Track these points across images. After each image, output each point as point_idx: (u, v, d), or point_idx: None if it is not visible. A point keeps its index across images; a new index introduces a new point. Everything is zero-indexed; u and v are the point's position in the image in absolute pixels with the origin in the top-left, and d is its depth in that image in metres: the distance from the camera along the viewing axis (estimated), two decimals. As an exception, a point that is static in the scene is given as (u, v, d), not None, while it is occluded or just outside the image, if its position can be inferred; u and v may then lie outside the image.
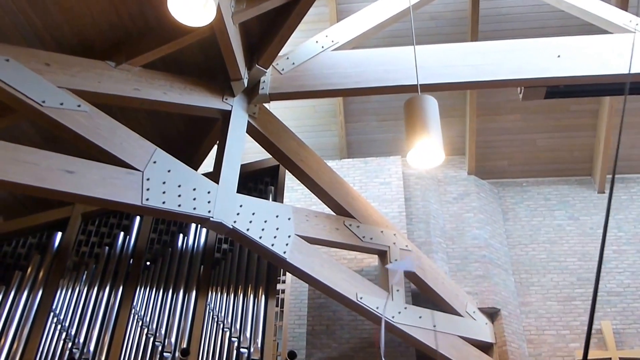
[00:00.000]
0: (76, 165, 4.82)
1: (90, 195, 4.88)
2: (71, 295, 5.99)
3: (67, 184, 4.78)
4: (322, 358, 6.49)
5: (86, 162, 4.88)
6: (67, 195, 4.83)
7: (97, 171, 4.96)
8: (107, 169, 5.01)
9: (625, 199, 8.75)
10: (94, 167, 4.93)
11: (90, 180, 4.88)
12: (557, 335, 7.45)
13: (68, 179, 4.78)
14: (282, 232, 5.73)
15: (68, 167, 4.80)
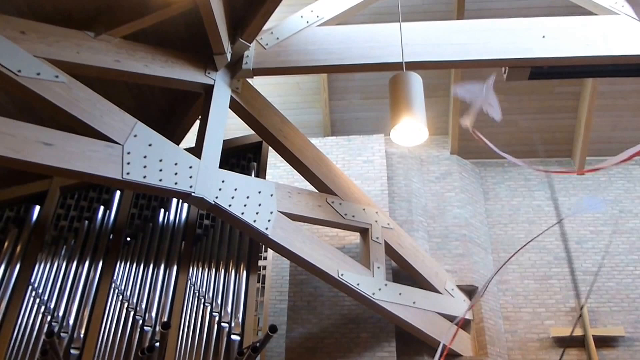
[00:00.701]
0: (54, 138, 4.72)
1: (69, 168, 4.80)
2: (50, 269, 5.93)
3: (45, 157, 4.68)
4: (302, 333, 6.55)
5: (64, 134, 4.78)
6: (45, 167, 4.75)
7: (75, 144, 4.87)
8: (86, 142, 4.92)
9: (603, 180, 8.88)
10: (72, 140, 4.83)
11: (69, 152, 4.80)
12: (533, 312, 7.60)
13: (46, 151, 4.69)
14: (264, 209, 5.72)
15: (46, 139, 4.71)
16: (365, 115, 9.28)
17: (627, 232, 8.30)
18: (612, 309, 7.60)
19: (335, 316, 6.67)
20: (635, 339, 7.32)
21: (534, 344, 7.35)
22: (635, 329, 7.41)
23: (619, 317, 7.52)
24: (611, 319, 7.52)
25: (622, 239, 8.23)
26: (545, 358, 7.23)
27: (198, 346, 5.58)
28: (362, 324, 6.59)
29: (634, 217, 8.47)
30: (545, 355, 7.25)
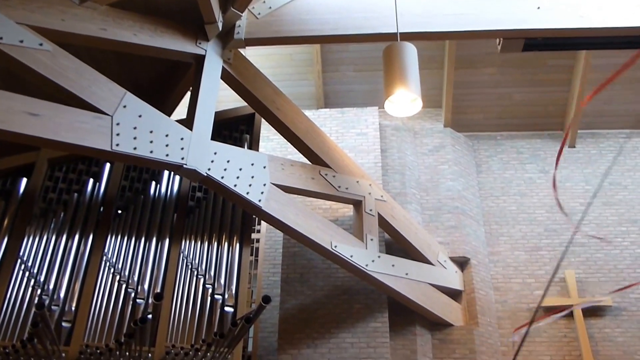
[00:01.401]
0: (40, 108, 4.60)
1: (56, 139, 4.69)
2: (39, 243, 5.87)
3: (31, 127, 4.57)
4: (296, 305, 6.58)
5: (51, 104, 4.66)
6: (31, 138, 4.63)
7: (63, 114, 4.75)
8: (74, 113, 4.80)
9: (594, 153, 8.92)
10: (59, 110, 4.71)
11: (56, 123, 4.69)
12: (523, 283, 7.70)
13: (32, 122, 4.58)
14: (257, 181, 5.67)
15: (31, 110, 4.59)
16: (359, 87, 9.19)
17: (616, 204, 8.38)
18: (600, 280, 7.72)
19: (329, 288, 6.70)
20: (622, 309, 7.46)
21: (524, 314, 7.47)
22: (623, 299, 7.54)
23: (607, 287, 7.64)
24: (599, 289, 7.64)
25: (612, 211, 8.32)
26: (534, 327, 7.35)
27: (191, 318, 5.59)
28: (355, 296, 6.63)
29: (623, 189, 8.54)
30: (534, 324, 7.37)
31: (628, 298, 7.55)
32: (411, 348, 6.62)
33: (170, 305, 5.61)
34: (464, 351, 6.72)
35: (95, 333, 5.39)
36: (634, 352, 7.16)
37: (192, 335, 5.49)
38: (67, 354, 5.26)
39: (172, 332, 5.49)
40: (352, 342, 6.33)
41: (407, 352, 6.59)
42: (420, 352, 6.62)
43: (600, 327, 7.34)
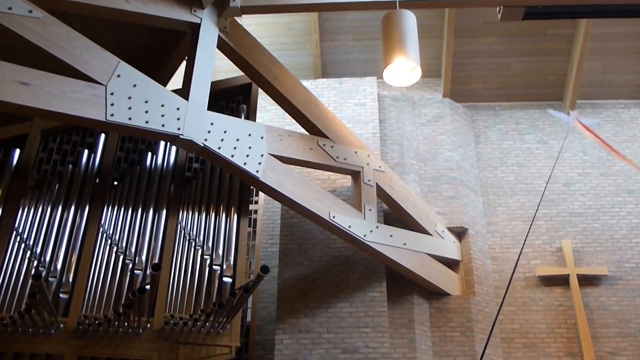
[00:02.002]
0: (31, 77, 4.50)
1: (48, 109, 4.60)
2: (34, 214, 5.83)
3: (22, 97, 4.47)
4: (294, 275, 6.60)
5: (43, 73, 4.56)
6: (23, 108, 4.54)
7: (55, 84, 4.65)
8: (66, 82, 4.70)
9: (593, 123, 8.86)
10: (51, 79, 4.61)
11: (48, 93, 4.59)
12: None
13: (23, 91, 4.48)
14: (254, 151, 5.61)
15: (22, 79, 4.48)
16: (358, 57, 9.05)
17: (614, 175, 8.37)
18: (597, 249, 7.75)
19: (327, 258, 6.72)
20: (617, 278, 7.52)
21: (520, 283, 7.53)
22: (618, 268, 7.60)
23: (603, 257, 7.69)
24: (595, 258, 7.68)
25: (609, 181, 8.31)
26: (531, 296, 7.43)
27: (190, 289, 5.60)
28: (353, 266, 6.65)
29: (621, 159, 8.51)
30: (531, 294, 7.44)
31: (624, 267, 7.61)
32: (409, 317, 6.67)
33: (168, 276, 5.62)
34: (461, 320, 6.78)
35: (93, 304, 5.40)
36: (629, 321, 7.25)
37: (190, 305, 5.51)
38: (66, 325, 5.29)
39: (170, 302, 5.51)
40: (350, 311, 6.37)
41: (405, 321, 6.64)
42: (418, 321, 6.68)
43: (596, 296, 7.41)
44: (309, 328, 6.28)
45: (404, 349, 6.49)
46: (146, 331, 5.38)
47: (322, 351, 6.16)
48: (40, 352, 5.17)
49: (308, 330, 6.26)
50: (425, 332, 6.70)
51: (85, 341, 5.26)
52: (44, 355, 5.17)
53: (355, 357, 6.12)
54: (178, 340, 5.40)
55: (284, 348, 6.19)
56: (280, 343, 6.21)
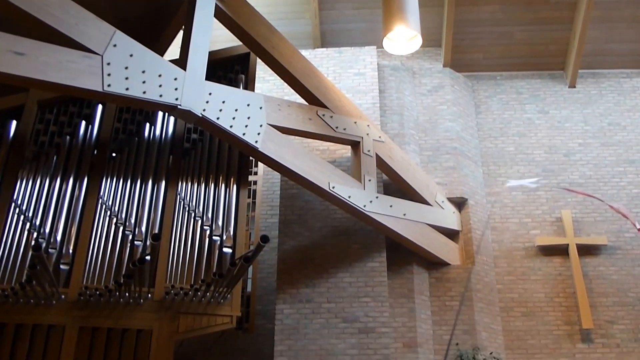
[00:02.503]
0: (26, 47, 4.43)
1: (44, 79, 4.55)
2: (32, 186, 5.81)
3: (17, 67, 4.41)
4: (294, 246, 6.61)
5: (37, 43, 4.48)
6: (18, 79, 4.49)
7: (50, 54, 4.59)
8: (62, 52, 4.63)
9: (594, 93, 8.78)
10: (46, 49, 4.55)
11: (44, 63, 4.53)
12: (519, 223, 7.75)
13: (17, 61, 4.42)
14: (253, 122, 5.56)
15: (17, 48, 4.42)
16: (357, 26, 8.90)
17: (615, 145, 8.33)
18: (597, 219, 7.76)
19: (327, 229, 6.72)
20: (617, 247, 7.55)
21: (520, 253, 7.56)
22: (618, 238, 7.62)
23: (603, 226, 7.71)
24: (595, 228, 7.70)
25: (610, 152, 8.28)
26: (530, 265, 7.46)
27: (190, 259, 5.62)
28: (352, 236, 6.66)
29: (621, 129, 8.47)
30: (530, 263, 7.48)
31: (623, 237, 7.63)
32: (408, 287, 6.71)
33: (168, 246, 5.63)
34: (460, 289, 6.82)
35: (94, 275, 5.43)
36: (628, 290, 7.30)
37: (191, 275, 5.54)
38: (67, 295, 5.32)
39: (171, 273, 5.54)
40: (350, 281, 6.41)
41: (405, 291, 6.69)
42: (418, 290, 6.72)
43: (595, 266, 7.45)
44: (309, 298, 6.32)
45: (404, 318, 6.55)
46: (147, 301, 5.41)
47: (322, 320, 6.21)
48: (42, 323, 5.21)
49: (308, 300, 6.31)
50: (424, 301, 6.75)
51: (86, 312, 5.29)
52: (46, 325, 5.21)
53: (356, 326, 6.18)
54: (179, 310, 5.45)
55: (284, 318, 6.24)
56: (281, 313, 6.26)
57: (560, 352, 6.97)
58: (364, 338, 6.11)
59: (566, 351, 6.97)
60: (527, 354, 6.95)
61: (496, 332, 6.89)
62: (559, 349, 6.98)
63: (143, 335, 5.32)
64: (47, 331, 5.20)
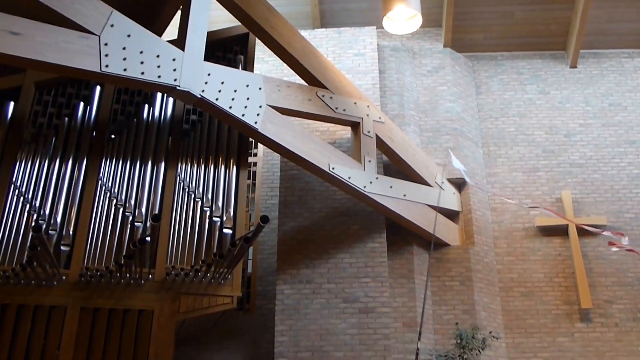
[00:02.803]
0: (22, 26, 4.38)
1: (41, 60, 4.52)
2: (31, 168, 5.79)
3: (13, 47, 4.37)
4: (294, 227, 6.62)
5: (33, 22, 4.43)
6: (14, 59, 4.45)
7: (46, 34, 4.54)
8: (59, 32, 4.59)
9: (595, 73, 8.72)
10: (42, 29, 4.50)
11: (40, 43, 4.49)
12: (519, 204, 7.75)
13: (13, 41, 4.38)
14: (252, 102, 5.52)
15: (12, 28, 4.38)
16: (357, 6, 8.78)
17: (616, 125, 8.29)
18: (596, 200, 7.76)
19: (327, 210, 6.72)
20: (616, 228, 7.54)
21: (519, 233, 7.57)
22: (618, 218, 7.62)
23: (602, 207, 7.71)
24: (594, 209, 7.70)
25: (610, 132, 8.24)
26: (530, 246, 7.48)
27: (190, 240, 5.63)
28: (353, 217, 6.67)
29: (622, 110, 8.42)
30: (530, 244, 7.49)
31: (623, 217, 7.63)
32: (408, 267, 6.74)
33: (168, 228, 5.64)
34: (460, 270, 6.85)
35: (94, 256, 5.44)
36: (627, 270, 7.32)
37: (191, 256, 5.56)
38: (68, 276, 5.34)
39: (171, 254, 5.55)
40: (351, 262, 6.43)
41: (405, 271, 6.72)
42: (417, 271, 6.75)
43: (594, 246, 7.46)
44: (309, 279, 6.35)
45: (404, 298, 6.59)
46: (148, 282, 5.44)
47: (322, 301, 6.25)
48: (44, 304, 5.23)
49: (309, 281, 6.34)
50: (424, 281, 6.78)
51: (87, 292, 5.32)
52: (48, 306, 5.24)
53: (356, 306, 6.21)
54: (180, 290, 5.47)
55: (285, 298, 6.28)
56: (282, 293, 6.30)
57: (559, 331, 7.01)
58: (364, 318, 6.15)
59: (565, 330, 7.02)
60: (526, 333, 7.00)
61: (495, 312, 6.94)
62: (557, 328, 7.03)
63: (144, 316, 5.35)
64: (49, 312, 5.23)
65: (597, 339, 6.98)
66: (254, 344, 7.01)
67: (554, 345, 6.95)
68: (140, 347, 5.24)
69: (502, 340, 6.75)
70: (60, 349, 5.09)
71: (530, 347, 6.93)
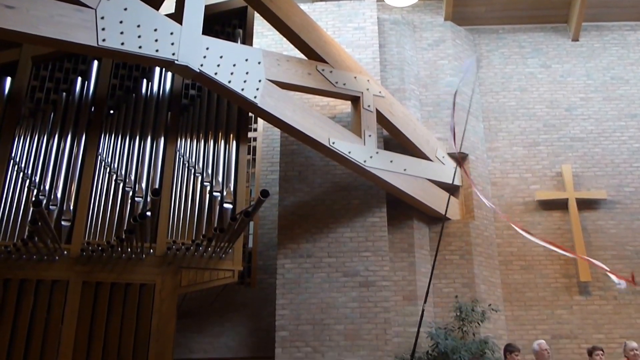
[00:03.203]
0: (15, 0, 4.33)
1: (36, 34, 4.49)
2: (30, 143, 5.76)
3: (7, 21, 4.34)
4: (294, 202, 6.62)
5: (27, -5, 4.38)
6: (8, 33, 4.42)
7: (41, 7, 4.50)
8: (54, 5, 4.55)
9: (598, 47, 8.63)
10: (37, 3, 4.47)
11: (35, 17, 4.45)
12: (519, 178, 7.74)
13: (8, 15, 4.35)
14: (252, 77, 5.48)
15: (6, 1, 4.36)
16: (356, -23, 8.64)
17: (617, 99, 8.24)
18: (597, 174, 7.75)
19: (327, 184, 6.72)
20: (616, 202, 7.57)
21: (519, 207, 7.58)
22: (617, 192, 7.63)
23: (603, 181, 7.70)
24: (595, 183, 7.70)
25: (612, 106, 8.19)
26: (530, 220, 7.49)
27: (191, 215, 5.64)
28: (353, 191, 6.66)
29: (624, 83, 8.36)
30: (530, 218, 7.51)
31: (623, 191, 7.64)
32: (409, 241, 6.77)
33: (169, 203, 5.64)
34: (460, 243, 6.88)
35: (95, 231, 5.45)
36: (626, 243, 7.35)
37: (192, 231, 5.58)
38: (69, 251, 5.36)
39: (172, 228, 5.57)
40: (351, 236, 6.45)
41: (405, 245, 6.75)
42: (418, 245, 6.78)
43: (594, 220, 7.48)
44: (310, 253, 6.38)
45: (404, 272, 6.63)
46: (149, 256, 5.46)
47: (323, 275, 6.29)
48: (46, 278, 5.26)
49: (309, 255, 6.37)
50: (425, 255, 6.82)
51: (89, 267, 5.34)
52: (50, 281, 5.26)
53: (356, 280, 6.25)
54: (181, 265, 5.50)
55: (285, 272, 6.31)
56: (282, 267, 6.33)
57: (558, 304, 7.08)
58: (364, 291, 6.20)
59: (563, 303, 7.08)
60: (525, 306, 7.06)
61: (495, 285, 6.99)
62: (556, 301, 7.09)
63: (146, 290, 5.39)
64: (51, 286, 5.26)
65: (595, 311, 7.05)
66: (255, 317, 7.07)
67: (552, 317, 7.02)
68: (142, 321, 5.29)
69: (501, 312, 6.81)
70: (63, 323, 5.14)
71: (529, 319, 7.00)
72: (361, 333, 6.03)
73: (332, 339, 6.02)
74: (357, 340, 6.00)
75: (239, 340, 6.99)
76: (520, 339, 6.72)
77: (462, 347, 5.86)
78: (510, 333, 6.89)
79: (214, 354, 6.93)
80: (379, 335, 6.02)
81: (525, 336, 6.84)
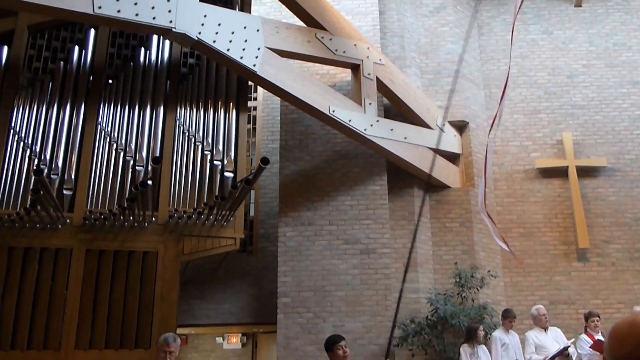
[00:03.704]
0: (9, -35, 4.28)
1: (31, 1, 4.45)
2: (30, 113, 5.75)
3: (4, -13, 4.28)
4: (295, 170, 6.64)
5: (22, -39, 4.31)
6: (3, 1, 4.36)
7: (37, -27, 4.44)
8: (49, -29, 4.48)
9: (601, 12, 8.50)
10: (32, -32, 4.39)
11: (31, -17, 4.39)
12: (520, 146, 7.73)
13: (4, -19, 4.28)
14: (251, 44, 5.43)
15: (2, -32, 4.28)
16: (355, -58, 8.48)
17: (619, 66, 8.16)
18: (597, 141, 7.74)
19: (327, 153, 6.72)
20: (616, 169, 7.57)
21: (519, 175, 7.59)
22: (618, 159, 7.62)
23: (603, 148, 7.69)
24: (595, 150, 7.69)
25: (614, 72, 8.12)
26: (530, 188, 7.52)
27: (192, 183, 5.67)
28: (353, 160, 6.67)
29: (627, 50, 8.26)
30: (530, 186, 7.53)
31: (623, 159, 7.63)
32: (409, 209, 6.81)
33: (170, 171, 5.66)
34: (460, 211, 6.92)
35: (97, 200, 5.48)
36: (625, 211, 7.38)
37: (193, 199, 5.61)
38: (72, 219, 5.39)
39: (173, 197, 5.60)
40: (352, 204, 6.48)
41: (405, 213, 6.79)
42: (418, 212, 6.81)
43: (594, 187, 7.50)
44: (311, 221, 6.42)
45: (404, 240, 6.69)
46: (151, 225, 5.51)
47: (324, 242, 6.34)
48: (50, 247, 5.31)
49: (310, 223, 6.41)
50: (425, 223, 6.86)
51: (92, 235, 5.39)
52: (54, 249, 5.32)
53: (357, 247, 6.31)
54: (183, 232, 5.55)
55: (287, 240, 6.37)
56: (284, 235, 6.38)
57: (556, 270, 7.15)
58: (365, 259, 6.26)
59: (562, 269, 7.15)
60: (524, 272, 7.13)
61: (494, 252, 7.05)
62: (555, 268, 7.16)
63: (149, 257, 5.45)
64: (55, 254, 5.32)
65: (593, 277, 7.12)
66: (257, 284, 7.17)
67: (550, 283, 7.10)
68: (146, 287, 5.37)
69: (500, 279, 6.90)
70: (68, 290, 5.22)
71: (527, 285, 7.09)
72: (362, 299, 6.11)
73: (333, 305, 6.11)
74: (358, 306, 6.09)
75: (242, 307, 7.11)
76: (519, 305, 6.81)
77: (460, 313, 5.96)
78: (509, 299, 6.98)
79: (217, 320, 7.05)
80: (380, 302, 6.11)
81: (524, 302, 6.93)
